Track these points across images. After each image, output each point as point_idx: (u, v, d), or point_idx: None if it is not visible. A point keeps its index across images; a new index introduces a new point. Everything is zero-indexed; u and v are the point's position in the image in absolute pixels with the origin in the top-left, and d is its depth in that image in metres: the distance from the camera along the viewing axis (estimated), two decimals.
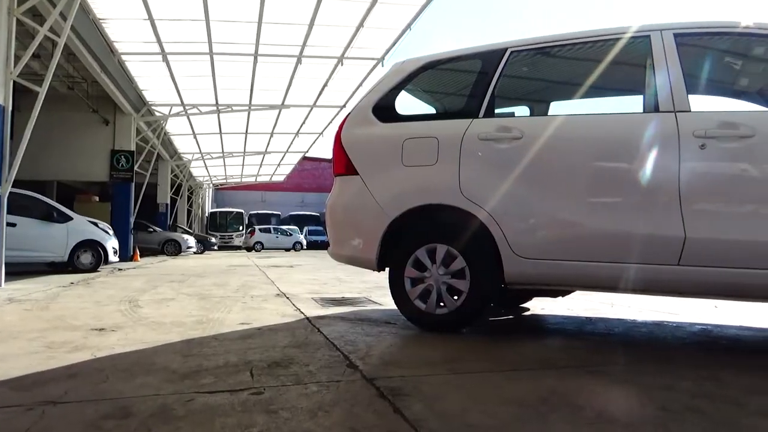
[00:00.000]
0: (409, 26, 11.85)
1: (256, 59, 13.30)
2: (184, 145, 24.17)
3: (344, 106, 17.26)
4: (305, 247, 31.17)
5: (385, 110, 3.67)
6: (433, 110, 4.40)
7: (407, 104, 3.85)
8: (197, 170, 31.09)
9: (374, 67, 14.10)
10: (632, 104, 5.13)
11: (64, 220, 9.85)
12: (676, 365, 2.60)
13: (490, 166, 3.25)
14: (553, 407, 1.89)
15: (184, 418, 1.78)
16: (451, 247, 3.29)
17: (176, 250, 19.70)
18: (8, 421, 1.76)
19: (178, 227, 26.73)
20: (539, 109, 4.41)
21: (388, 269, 3.55)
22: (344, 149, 3.69)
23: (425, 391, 2.08)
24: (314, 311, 4.33)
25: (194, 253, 22.81)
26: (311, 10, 10.88)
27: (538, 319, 4.15)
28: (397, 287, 3.47)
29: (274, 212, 39.68)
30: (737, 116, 2.90)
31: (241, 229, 35.08)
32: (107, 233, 10.56)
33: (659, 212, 2.86)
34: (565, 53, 3.60)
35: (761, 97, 3.65)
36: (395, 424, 1.73)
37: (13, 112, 7.60)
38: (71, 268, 9.74)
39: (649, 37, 3.09)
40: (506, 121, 3.39)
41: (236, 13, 10.99)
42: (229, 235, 33.02)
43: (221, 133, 21.12)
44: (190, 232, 27.15)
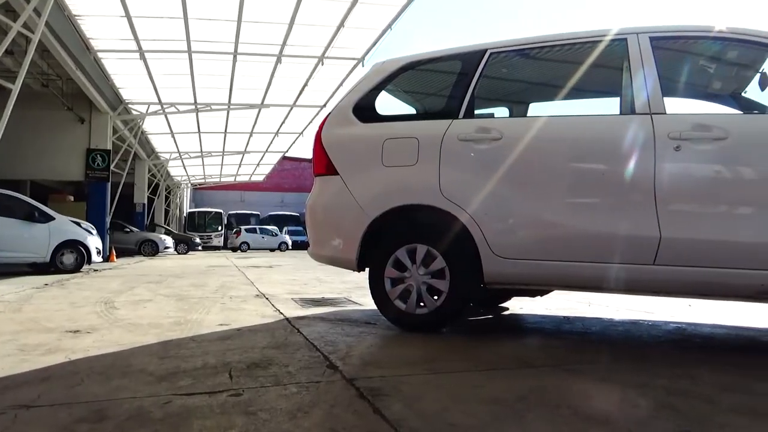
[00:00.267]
0: (389, 26, 11.88)
1: (235, 58, 13.21)
2: (161, 144, 23.90)
3: (324, 105, 17.24)
4: (290, 247, 31.11)
5: (365, 110, 3.67)
6: (413, 111, 4.41)
7: (387, 104, 3.85)
8: (175, 170, 30.75)
9: (354, 67, 14.11)
10: (610, 106, 5.19)
11: (45, 220, 9.66)
12: (651, 363, 2.65)
13: (470, 166, 3.27)
14: (530, 406, 1.91)
15: (161, 420, 1.75)
16: (431, 247, 3.31)
17: (153, 250, 19.45)
18: None
19: (159, 227, 26.43)
20: (518, 110, 4.45)
21: (368, 269, 3.55)
22: (324, 149, 3.68)
23: (405, 391, 2.08)
24: (294, 312, 4.31)
25: (179, 253, 22.66)
26: (291, 9, 10.84)
27: (516, 318, 4.19)
28: (377, 287, 3.47)
29: (253, 212, 39.32)
30: (711, 119, 2.96)
31: (220, 229, 34.73)
32: (90, 233, 10.38)
33: (635, 213, 2.91)
34: (544, 55, 3.64)
35: (734, 100, 3.73)
36: (375, 424, 1.73)
37: None
38: (54, 268, 9.56)
39: (626, 40, 3.14)
40: (486, 122, 3.41)
41: (215, 11, 10.90)
42: (207, 235, 32.69)
43: (200, 132, 20.94)
44: (172, 232, 26.85)
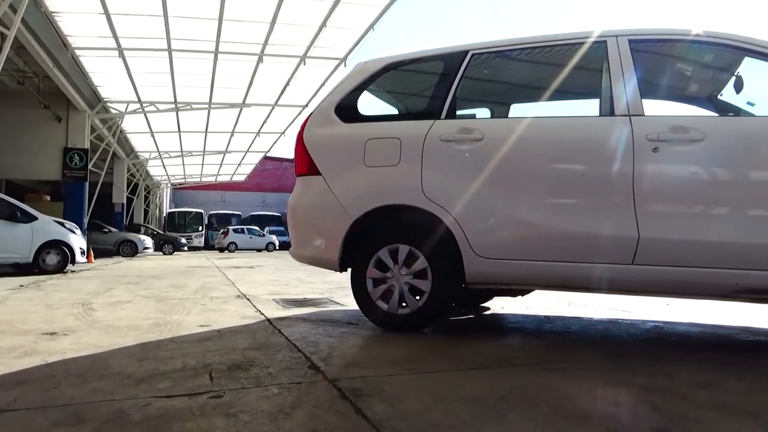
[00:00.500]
0: (372, 26, 11.89)
1: (216, 57, 13.11)
2: (141, 143, 23.62)
3: (306, 105, 17.19)
4: (277, 247, 31.04)
5: (347, 110, 3.66)
6: (395, 111, 4.42)
7: (370, 105, 3.85)
8: (155, 169, 30.41)
9: (337, 66, 14.09)
10: (590, 107, 5.25)
11: (28, 220, 9.47)
12: (629, 361, 2.69)
13: (452, 167, 3.28)
14: (511, 404, 1.93)
15: (139, 423, 1.73)
16: (413, 247, 3.31)
17: (132, 251, 19.20)
18: None
19: (143, 227, 26.17)
20: (500, 111, 4.48)
21: (350, 270, 3.54)
22: (306, 149, 3.66)
23: (387, 391, 2.09)
24: (275, 313, 4.29)
25: (165, 254, 22.52)
26: (273, 8, 10.79)
27: (498, 318, 4.21)
28: (359, 288, 3.46)
29: (234, 212, 38.98)
30: (688, 120, 3.01)
31: (200, 229, 34.41)
32: (74, 233, 10.22)
33: (614, 213, 2.95)
34: (525, 57, 3.67)
35: (710, 102, 3.80)
36: (357, 424, 1.72)
37: None
38: (37, 269, 9.39)
39: (605, 42, 3.18)
40: (467, 122, 3.43)
41: (196, 9, 10.81)
42: (188, 235, 32.38)
43: (180, 131, 20.73)
44: (159, 232, 26.59)
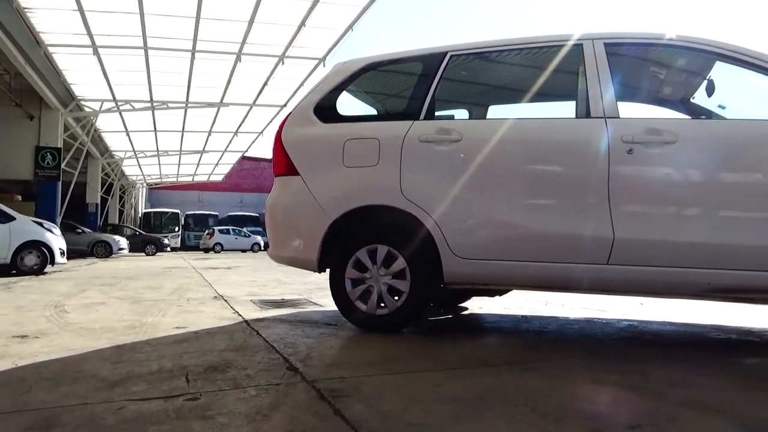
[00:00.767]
0: (351, 27, 11.88)
1: (193, 55, 12.97)
2: (115, 142, 23.26)
3: (285, 105, 17.10)
4: (263, 248, 30.90)
5: (326, 110, 3.65)
6: (374, 111, 4.42)
7: (349, 105, 3.85)
8: (130, 169, 29.96)
9: (316, 66, 14.04)
10: (566, 109, 5.32)
11: (5, 220, 9.26)
12: (605, 360, 2.73)
13: (430, 167, 3.29)
14: (489, 404, 1.94)
15: (113, 427, 1.70)
16: (391, 248, 3.32)
17: (107, 252, 18.86)
18: None
19: (125, 228, 25.75)
20: (478, 112, 4.51)
21: (329, 270, 3.53)
22: (285, 149, 3.64)
23: (366, 391, 2.08)
24: (253, 314, 4.25)
25: (147, 254, 22.24)
26: (251, 7, 10.72)
27: (476, 318, 4.24)
28: (338, 288, 3.45)
29: (211, 213, 38.52)
30: (661, 123, 3.08)
31: (177, 230, 33.97)
32: (53, 233, 10.02)
33: (590, 214, 2.99)
34: (503, 58, 3.70)
35: (682, 105, 3.88)
36: (336, 425, 1.72)
37: None
38: (15, 270, 9.19)
39: (581, 45, 3.23)
40: (446, 123, 3.44)
41: (173, 7, 10.68)
42: (164, 236, 32.00)
43: (156, 130, 20.46)
44: (142, 233, 26.19)
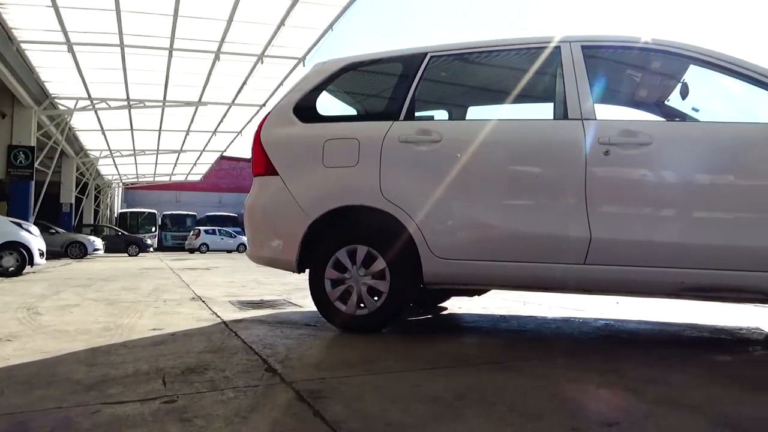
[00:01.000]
0: (331, 26, 11.86)
1: (171, 53, 12.82)
2: (91, 141, 22.88)
3: (264, 105, 17.00)
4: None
5: (306, 110, 3.64)
6: (354, 112, 4.41)
7: (328, 105, 3.84)
8: (106, 168, 29.50)
9: (295, 66, 13.99)
10: (544, 111, 5.38)
11: None
12: (582, 359, 2.76)
13: (410, 168, 3.30)
14: (468, 403, 1.95)
15: (89, 431, 1.67)
16: (371, 248, 3.31)
17: (81, 252, 18.52)
18: None
19: (107, 227, 25.29)
20: (457, 113, 4.53)
21: (308, 271, 3.51)
22: (264, 149, 3.62)
23: (345, 392, 2.08)
24: (232, 315, 4.21)
25: (130, 255, 21.95)
26: (230, 5, 10.63)
27: (455, 317, 4.26)
28: (317, 289, 3.44)
29: (189, 213, 38.05)
30: (637, 125, 3.13)
31: (153, 230, 33.51)
32: (32, 234, 9.80)
33: (567, 214, 3.03)
34: (482, 60, 3.73)
35: (658, 107, 3.95)
36: (315, 426, 1.71)
37: None
38: None
39: (559, 48, 3.27)
40: (425, 124, 3.46)
41: (150, 4, 10.54)
42: (140, 236, 31.58)
43: (132, 129, 20.18)
44: (125, 233, 25.77)
